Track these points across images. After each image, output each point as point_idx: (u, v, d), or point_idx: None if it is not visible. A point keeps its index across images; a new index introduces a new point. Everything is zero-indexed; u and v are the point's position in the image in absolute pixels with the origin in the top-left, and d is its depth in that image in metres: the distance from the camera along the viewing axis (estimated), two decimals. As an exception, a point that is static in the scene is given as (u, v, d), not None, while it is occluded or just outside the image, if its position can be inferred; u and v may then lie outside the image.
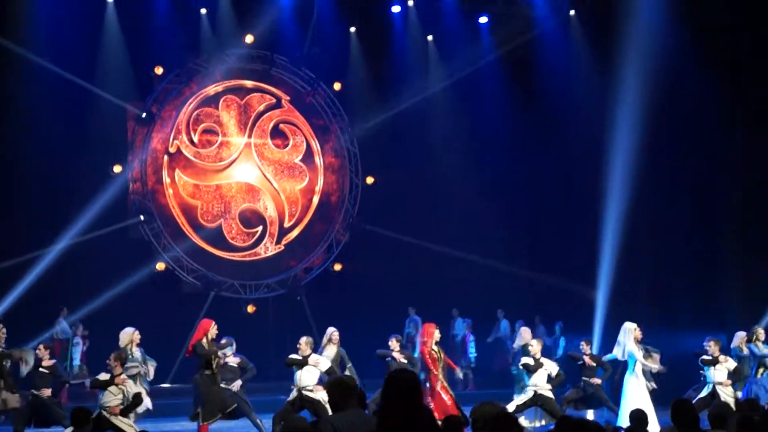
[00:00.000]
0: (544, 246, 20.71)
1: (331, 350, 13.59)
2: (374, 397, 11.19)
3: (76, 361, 18.05)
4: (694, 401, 11.30)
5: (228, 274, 20.73)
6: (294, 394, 12.33)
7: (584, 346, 13.99)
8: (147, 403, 12.99)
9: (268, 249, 21.28)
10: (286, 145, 21.61)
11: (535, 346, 13.00)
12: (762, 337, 14.07)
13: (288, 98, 21.68)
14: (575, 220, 19.84)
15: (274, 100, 21.62)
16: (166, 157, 20.47)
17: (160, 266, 19.92)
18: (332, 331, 13.86)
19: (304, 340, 12.57)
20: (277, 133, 21.55)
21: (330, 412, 5.63)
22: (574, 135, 19.91)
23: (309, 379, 12.17)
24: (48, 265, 17.70)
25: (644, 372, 13.37)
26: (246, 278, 20.92)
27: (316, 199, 21.87)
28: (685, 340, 15.05)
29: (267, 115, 21.51)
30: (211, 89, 20.98)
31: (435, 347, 13.11)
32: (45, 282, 17.46)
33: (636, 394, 13.02)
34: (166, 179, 20.43)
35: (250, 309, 20.52)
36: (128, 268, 18.68)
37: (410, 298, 20.44)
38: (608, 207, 18.20)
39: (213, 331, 12.55)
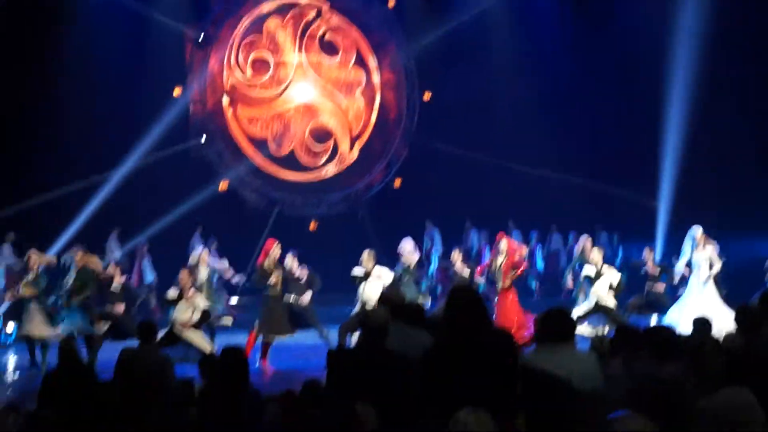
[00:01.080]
0: (604, 156, 20.50)
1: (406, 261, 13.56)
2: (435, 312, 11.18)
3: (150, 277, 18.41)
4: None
5: (290, 192, 20.98)
6: (358, 307, 12.52)
7: (647, 253, 13.98)
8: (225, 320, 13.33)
9: (329, 171, 21.42)
10: (337, 56, 21.51)
11: (596, 255, 12.97)
12: None
13: (344, 15, 21.54)
14: (635, 128, 19.60)
15: (329, 14, 21.50)
16: (224, 80, 20.56)
17: (224, 186, 20.22)
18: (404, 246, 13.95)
19: (366, 253, 12.72)
20: (328, 46, 21.47)
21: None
22: (634, 42, 19.50)
23: (372, 291, 12.19)
24: (114, 187, 18.08)
25: (715, 278, 13.27)
26: (308, 196, 21.15)
27: (374, 117, 21.88)
28: (754, 244, 14.88)
29: (316, 25, 21.41)
30: (265, 6, 20.90)
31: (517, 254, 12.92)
32: (111, 204, 17.85)
33: (698, 299, 12.98)
34: (225, 101, 20.57)
35: (313, 226, 20.78)
36: (192, 188, 18.99)
37: (469, 212, 20.54)
38: (669, 113, 17.98)
39: (276, 251, 12.73)
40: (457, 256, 13.52)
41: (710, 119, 18.54)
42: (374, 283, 12.38)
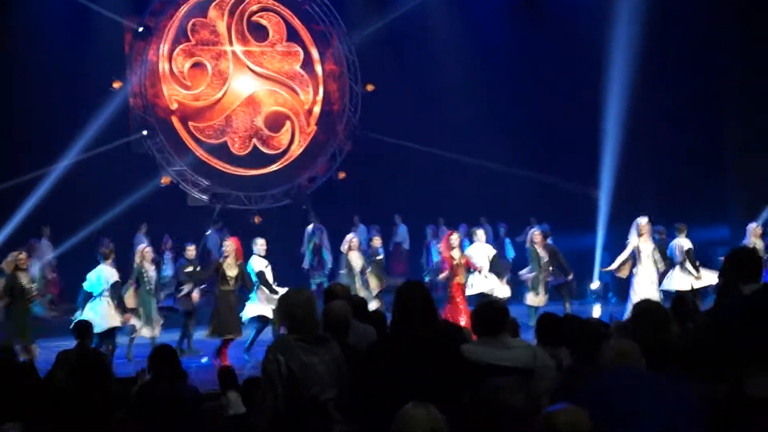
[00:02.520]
0: (546, 148, 20.68)
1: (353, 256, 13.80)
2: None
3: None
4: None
5: (232, 186, 20.84)
6: None
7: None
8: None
9: (272, 166, 21.34)
10: (279, 47, 21.39)
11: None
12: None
13: (286, 6, 21.44)
14: (577, 119, 19.78)
15: (269, 5, 21.36)
16: (164, 73, 20.33)
17: (165, 180, 20.04)
18: (351, 238, 14.14)
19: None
20: (269, 37, 21.33)
21: None
22: (575, 33, 19.70)
23: None
24: (52, 183, 17.72)
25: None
26: (251, 189, 21.04)
27: (317, 109, 21.80)
28: (693, 234, 15.19)
29: (257, 15, 21.29)
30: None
31: (455, 253, 13.10)
32: (50, 201, 17.51)
33: (644, 286, 13.24)
34: (166, 94, 20.35)
35: (257, 220, 20.68)
36: (133, 183, 18.74)
37: (412, 205, 20.57)
38: (609, 104, 18.21)
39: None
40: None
41: (649, 110, 18.83)
42: None
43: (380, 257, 14.47)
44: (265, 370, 4.62)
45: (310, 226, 19.29)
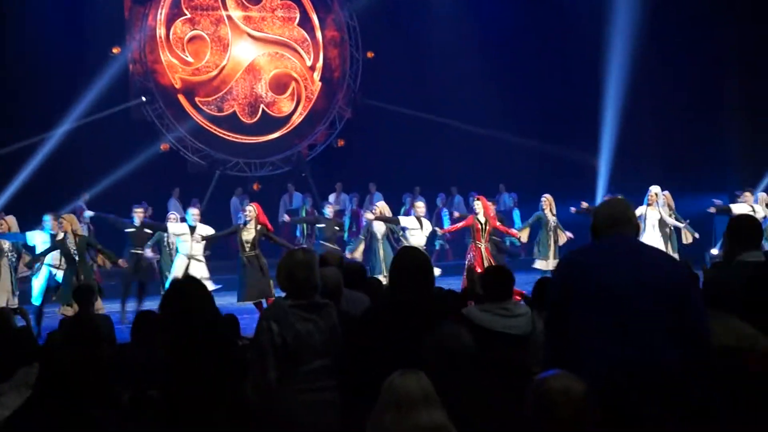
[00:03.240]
0: (547, 116, 20.59)
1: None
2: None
3: None
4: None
5: (232, 152, 20.79)
6: None
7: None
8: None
9: (273, 134, 21.27)
10: (280, 12, 21.25)
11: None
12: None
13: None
14: (577, 88, 19.68)
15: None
16: (164, 38, 20.22)
17: (164, 147, 19.98)
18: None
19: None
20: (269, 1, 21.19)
21: None
22: (578, 4, 19.58)
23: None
24: (52, 148, 17.70)
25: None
26: (251, 156, 21.00)
27: (317, 76, 21.70)
28: (696, 201, 15.25)
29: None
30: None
31: (482, 218, 13.00)
32: (50, 165, 17.50)
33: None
34: (166, 60, 20.25)
35: (256, 187, 20.65)
36: (133, 149, 18.70)
37: (414, 172, 20.50)
38: (610, 73, 18.18)
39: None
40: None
41: (650, 79, 18.76)
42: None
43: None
44: (256, 340, 4.40)
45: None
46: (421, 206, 14.00)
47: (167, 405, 3.99)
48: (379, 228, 13.77)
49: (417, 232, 13.35)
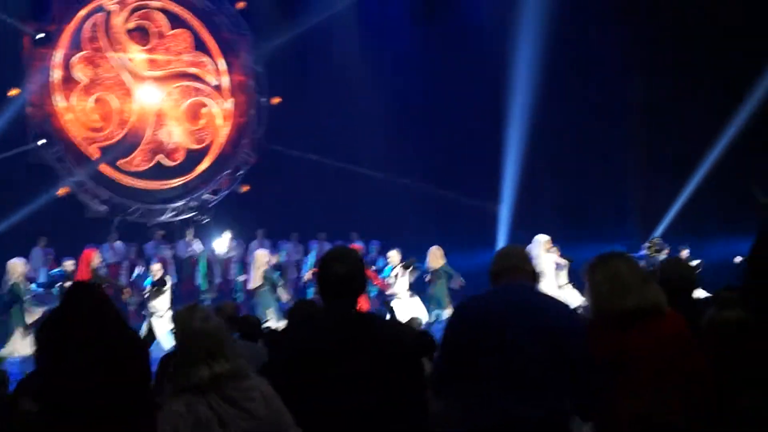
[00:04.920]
0: (449, 164, 20.84)
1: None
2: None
3: None
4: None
5: (134, 198, 20.43)
6: None
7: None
8: None
9: (176, 181, 20.99)
10: (186, 57, 21.11)
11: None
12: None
13: (193, 14, 21.15)
14: (479, 135, 19.98)
15: (176, 13, 21.03)
16: (63, 81, 19.84)
17: (64, 191, 19.52)
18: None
19: None
20: (176, 47, 21.01)
21: None
22: (479, 50, 19.90)
23: None
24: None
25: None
26: (152, 202, 20.66)
27: (220, 122, 21.55)
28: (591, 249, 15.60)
29: (163, 24, 20.87)
30: (107, 4, 20.24)
31: None
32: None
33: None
34: (65, 103, 19.85)
35: (159, 235, 20.26)
36: (30, 193, 18.24)
37: (320, 219, 20.44)
38: (512, 119, 18.53)
39: (96, 260, 12.82)
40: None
41: (551, 126, 19.15)
42: None
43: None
44: None
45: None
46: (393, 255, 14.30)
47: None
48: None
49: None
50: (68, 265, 13.43)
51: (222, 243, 18.88)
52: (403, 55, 21.21)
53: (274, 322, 12.36)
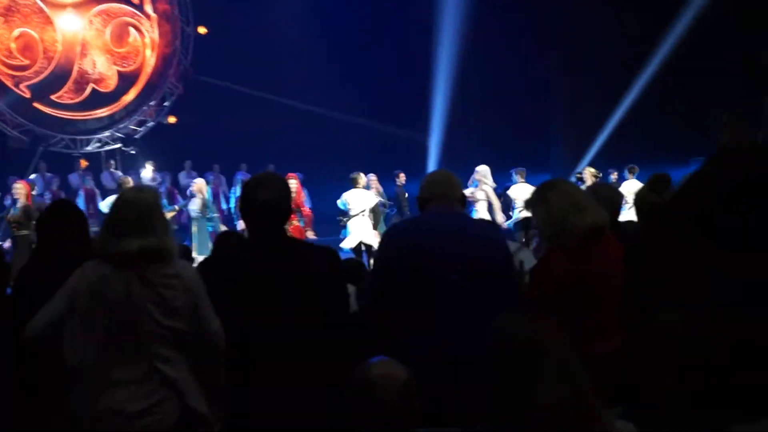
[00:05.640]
0: (379, 94, 20.80)
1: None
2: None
3: None
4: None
5: (57, 128, 19.95)
6: None
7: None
8: None
9: (99, 111, 20.51)
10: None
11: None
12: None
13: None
14: (409, 68, 19.97)
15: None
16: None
17: (-18, 121, 18.99)
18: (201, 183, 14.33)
19: None
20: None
21: None
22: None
23: None
24: None
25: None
26: (77, 132, 20.23)
27: (149, 52, 21.09)
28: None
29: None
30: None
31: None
32: None
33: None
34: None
35: (83, 164, 19.90)
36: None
37: (244, 151, 20.27)
38: (440, 53, 18.53)
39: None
40: None
41: (480, 57, 19.20)
42: None
43: None
44: None
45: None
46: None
47: None
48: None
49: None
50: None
51: (146, 174, 18.61)
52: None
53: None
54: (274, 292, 3.55)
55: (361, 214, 13.18)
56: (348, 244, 13.02)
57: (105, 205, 12.67)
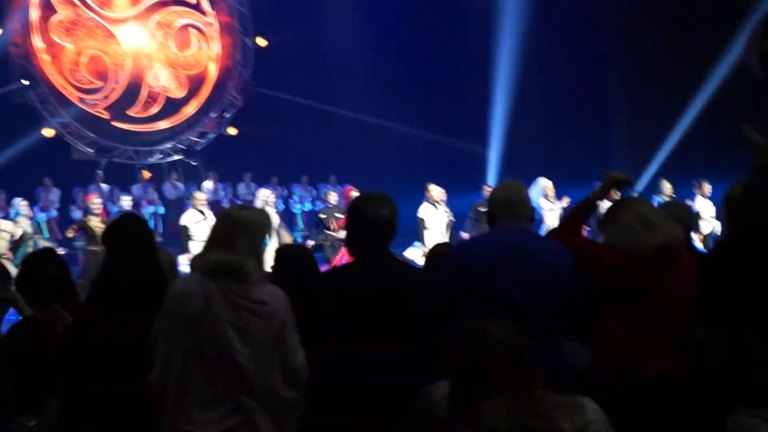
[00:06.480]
0: (438, 106, 20.75)
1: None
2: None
3: None
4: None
5: (120, 139, 20.23)
6: None
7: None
8: None
9: (161, 123, 20.77)
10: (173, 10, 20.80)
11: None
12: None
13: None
14: (468, 80, 19.90)
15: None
16: (47, 20, 19.47)
17: (49, 132, 19.31)
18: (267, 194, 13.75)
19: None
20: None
21: None
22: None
23: None
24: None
25: None
26: (139, 144, 20.50)
27: (212, 65, 21.31)
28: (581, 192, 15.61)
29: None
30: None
31: None
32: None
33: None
34: (48, 43, 19.51)
35: (146, 175, 20.16)
36: (15, 134, 18.02)
37: (305, 161, 20.38)
38: (499, 66, 18.46)
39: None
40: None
41: (538, 70, 19.08)
42: None
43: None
44: None
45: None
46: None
47: None
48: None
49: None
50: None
51: (207, 185, 18.79)
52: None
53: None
54: (380, 312, 3.54)
55: (440, 233, 12.62)
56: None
57: (186, 218, 12.47)
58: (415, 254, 12.62)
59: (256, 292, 3.44)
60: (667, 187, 14.53)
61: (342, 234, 12.32)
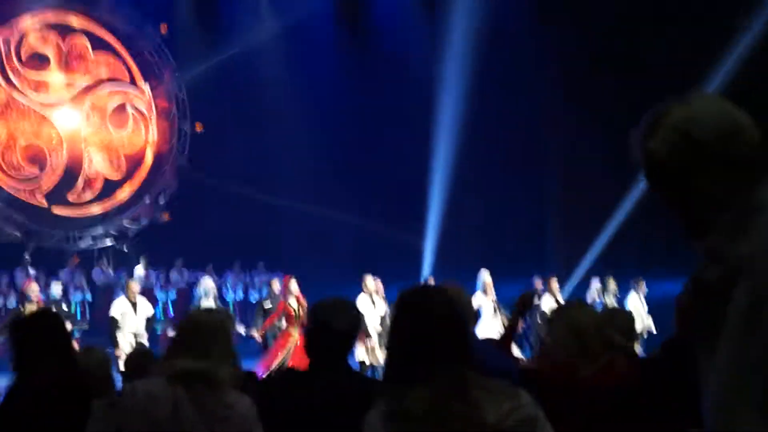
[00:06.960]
0: (374, 196, 20.77)
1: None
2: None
3: None
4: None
5: (50, 224, 19.77)
6: None
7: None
8: None
9: (95, 208, 20.43)
10: (109, 83, 20.62)
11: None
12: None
13: (116, 38, 20.69)
14: (405, 167, 19.97)
15: (99, 36, 20.54)
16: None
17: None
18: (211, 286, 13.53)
19: None
20: (98, 71, 20.48)
21: None
22: (405, 77, 19.92)
23: None
24: None
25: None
26: (71, 228, 20.05)
27: (150, 150, 21.11)
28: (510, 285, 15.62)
29: (86, 47, 20.31)
30: (29, 21, 19.55)
31: (292, 302, 12.15)
32: None
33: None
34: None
35: (75, 260, 19.69)
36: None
37: (240, 249, 20.15)
38: (437, 158, 18.58)
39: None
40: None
41: (476, 163, 19.23)
42: None
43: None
44: None
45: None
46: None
47: None
48: None
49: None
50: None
51: (138, 271, 18.45)
52: (327, 83, 21.04)
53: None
54: (331, 422, 3.44)
55: (372, 328, 12.41)
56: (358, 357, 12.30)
57: (115, 309, 12.05)
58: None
59: (227, 397, 3.38)
60: (611, 286, 14.67)
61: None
